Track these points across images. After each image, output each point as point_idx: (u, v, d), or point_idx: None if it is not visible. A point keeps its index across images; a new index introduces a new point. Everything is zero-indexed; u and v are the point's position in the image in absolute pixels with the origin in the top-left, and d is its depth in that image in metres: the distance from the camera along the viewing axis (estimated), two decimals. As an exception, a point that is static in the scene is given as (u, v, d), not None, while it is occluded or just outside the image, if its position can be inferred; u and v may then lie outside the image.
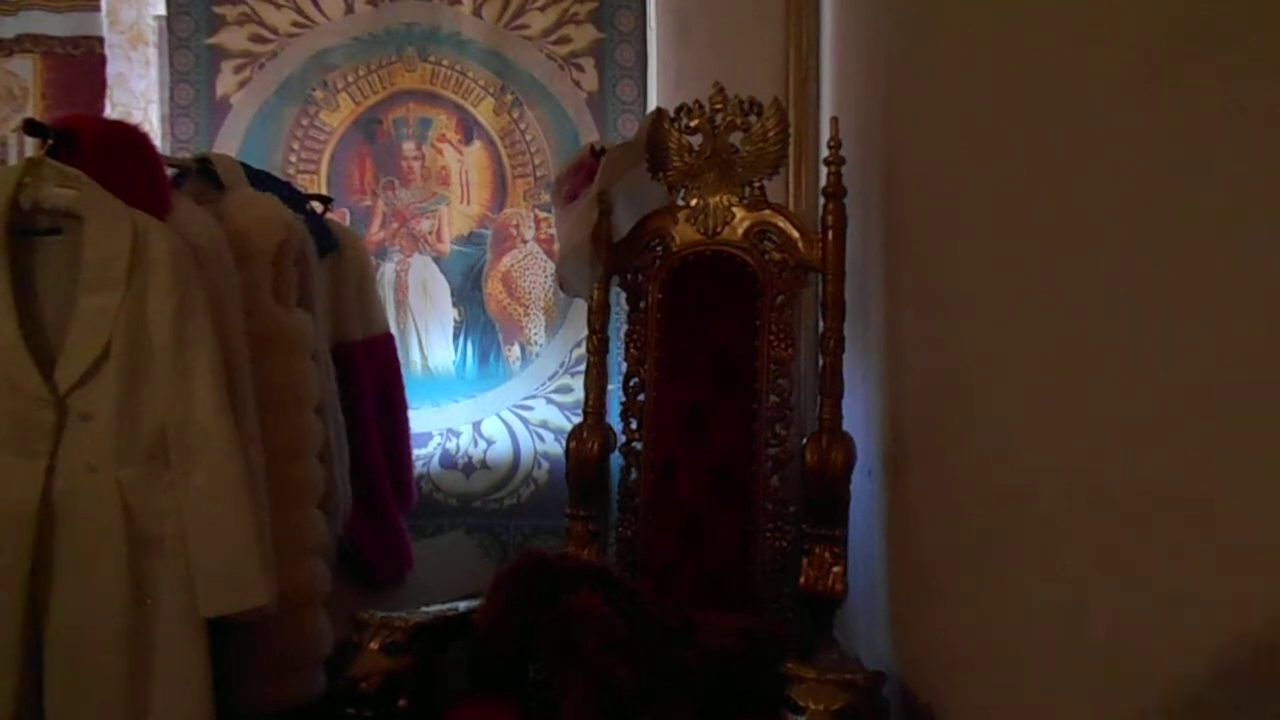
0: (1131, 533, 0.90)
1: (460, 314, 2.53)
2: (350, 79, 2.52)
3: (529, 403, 2.50)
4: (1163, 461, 0.85)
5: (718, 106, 1.83)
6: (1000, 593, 1.24)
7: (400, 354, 2.34)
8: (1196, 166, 0.80)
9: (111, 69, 2.55)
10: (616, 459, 1.91)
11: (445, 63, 2.52)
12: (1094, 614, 0.97)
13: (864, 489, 1.78)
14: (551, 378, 2.48)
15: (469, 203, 2.53)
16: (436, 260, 2.53)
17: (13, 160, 2.45)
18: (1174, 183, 0.83)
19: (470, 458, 2.49)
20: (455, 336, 2.53)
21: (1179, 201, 0.82)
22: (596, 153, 2.06)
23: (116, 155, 1.53)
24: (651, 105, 2.39)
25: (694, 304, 1.87)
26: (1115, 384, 0.93)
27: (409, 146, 2.54)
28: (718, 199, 1.83)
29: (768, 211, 1.82)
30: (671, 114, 1.89)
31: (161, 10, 2.52)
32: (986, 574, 1.30)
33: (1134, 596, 0.90)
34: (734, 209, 1.82)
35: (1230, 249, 0.75)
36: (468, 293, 2.53)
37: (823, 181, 1.77)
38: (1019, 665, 1.18)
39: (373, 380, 2.14)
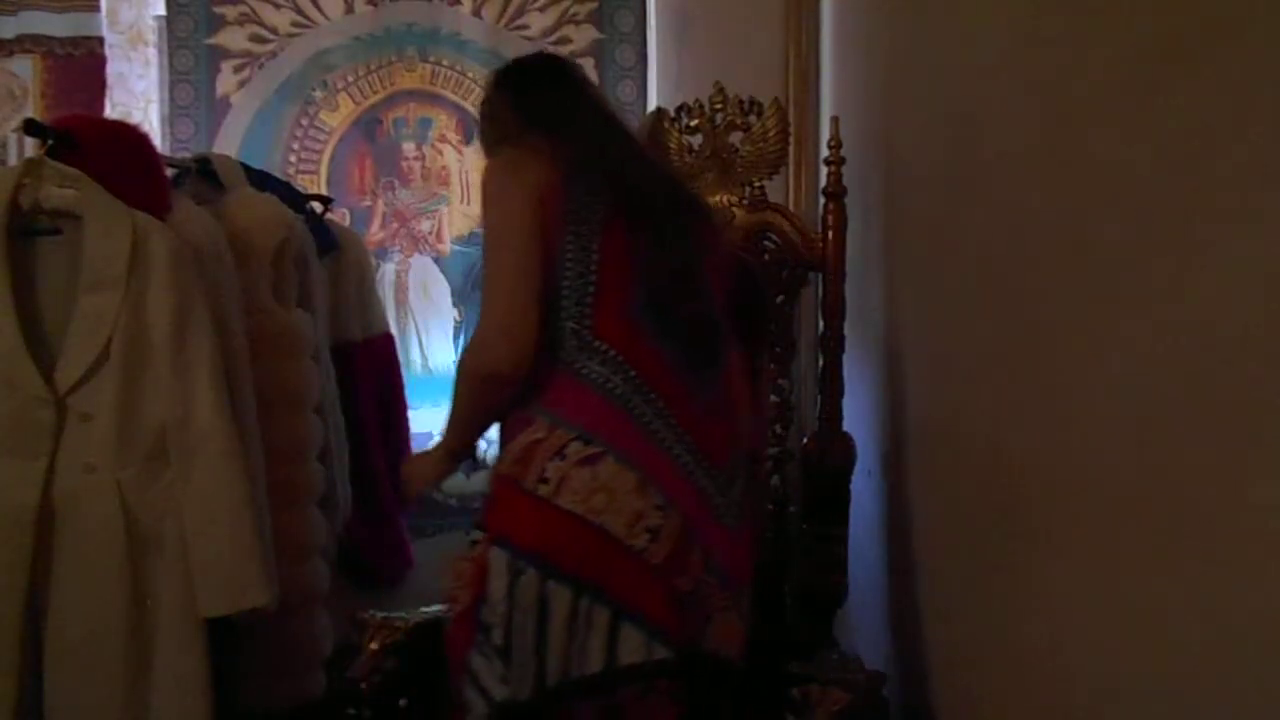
0: (1131, 532, 0.90)
1: (460, 314, 2.53)
2: (350, 79, 2.52)
3: (529, 403, 2.50)
4: (1163, 461, 0.85)
5: (718, 106, 1.83)
6: (999, 592, 1.24)
7: (400, 354, 2.34)
8: (1198, 165, 0.80)
9: (111, 69, 2.55)
10: (617, 459, 1.91)
11: (445, 63, 2.51)
12: (1092, 614, 0.97)
13: (864, 489, 1.78)
14: (551, 378, 2.49)
15: (469, 203, 2.53)
16: (437, 260, 2.53)
17: (13, 160, 2.45)
18: (1175, 181, 0.83)
19: (470, 457, 2.49)
20: (455, 336, 2.53)
21: (1180, 200, 0.82)
22: (597, 153, 2.05)
23: (116, 155, 1.53)
24: (651, 105, 2.39)
25: (694, 304, 1.87)
26: (1115, 384, 0.93)
27: (409, 146, 2.54)
28: (718, 199, 1.83)
29: (768, 211, 1.81)
30: (672, 114, 1.89)
31: (161, 10, 2.52)
32: (985, 574, 1.30)
33: (1133, 596, 0.90)
34: (734, 209, 1.82)
35: (1232, 248, 0.75)
36: (468, 293, 2.52)
37: (823, 181, 1.77)
38: (1018, 665, 1.18)
39: (373, 380, 2.14)
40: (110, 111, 2.51)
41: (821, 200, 1.77)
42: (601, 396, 1.17)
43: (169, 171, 1.69)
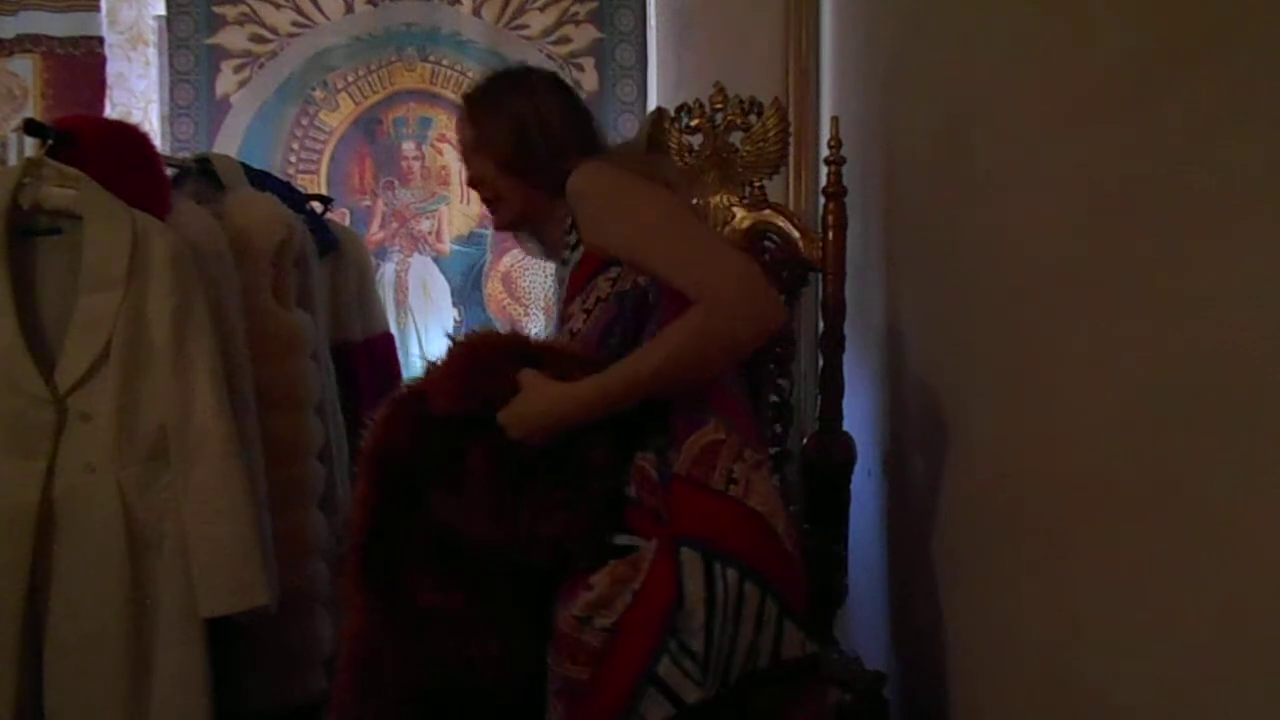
0: (1133, 532, 0.90)
1: (460, 314, 2.53)
2: (350, 79, 2.52)
3: (529, 403, 2.50)
4: (1162, 461, 0.85)
5: (718, 106, 1.83)
6: (1000, 592, 1.24)
7: (400, 354, 2.34)
8: (1198, 165, 0.80)
9: (111, 69, 2.55)
10: (617, 459, 1.91)
11: (445, 63, 2.52)
12: (1091, 614, 0.97)
13: (864, 489, 1.78)
14: (551, 378, 2.48)
15: (469, 203, 2.54)
16: (436, 260, 2.54)
17: (13, 160, 2.44)
18: (1175, 181, 0.83)
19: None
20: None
21: (1181, 200, 0.82)
22: (597, 153, 2.05)
23: (116, 155, 1.53)
24: (651, 105, 2.40)
25: (694, 304, 1.87)
26: (1116, 384, 0.93)
27: (409, 146, 2.54)
28: (718, 199, 1.83)
29: (768, 211, 1.81)
30: (672, 114, 1.89)
31: (161, 10, 2.52)
32: (986, 574, 1.30)
33: (1134, 596, 0.90)
34: (734, 209, 1.82)
35: (1233, 248, 0.75)
36: (468, 293, 2.53)
37: (823, 181, 1.77)
38: (1018, 665, 1.18)
39: (373, 380, 2.14)
40: (110, 111, 2.51)
41: (821, 200, 1.77)
42: (748, 406, 1.21)
43: (169, 171, 1.69)
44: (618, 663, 1.09)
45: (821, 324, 1.74)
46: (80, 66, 2.56)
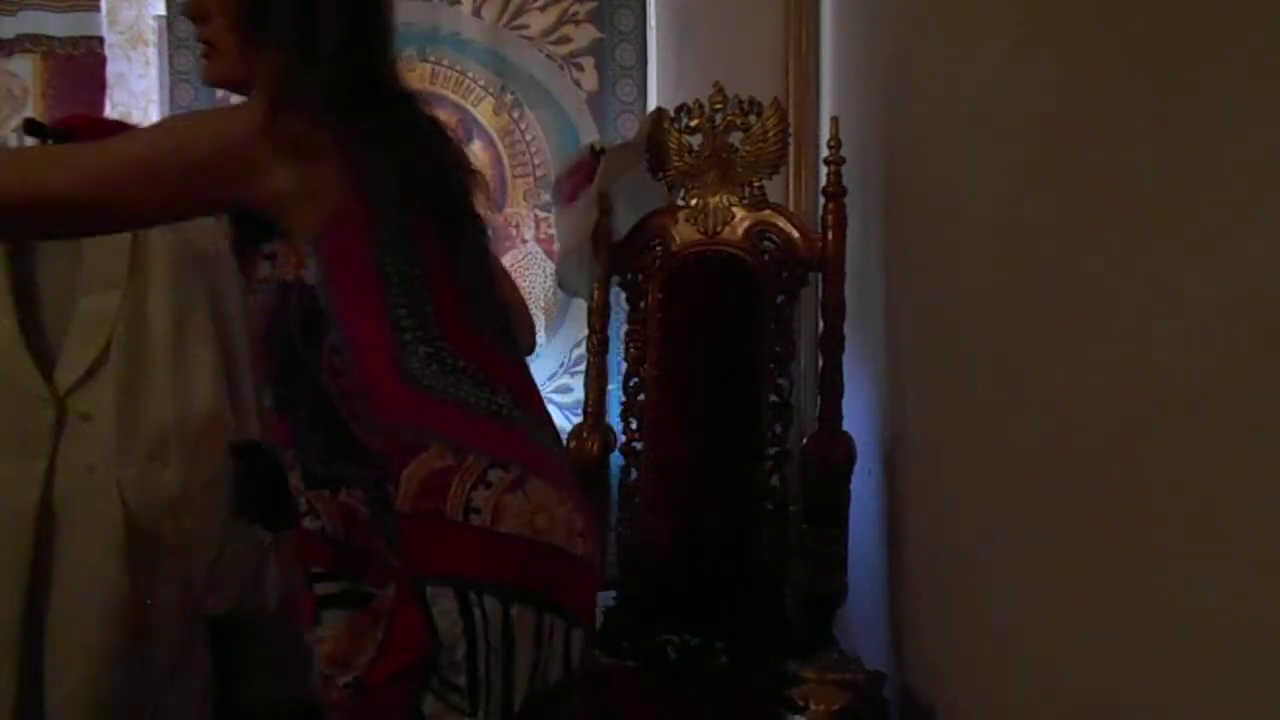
0: (1133, 533, 0.90)
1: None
2: (350, 79, 2.51)
3: (529, 403, 2.50)
4: (1165, 462, 0.85)
5: (718, 106, 1.83)
6: (1000, 593, 1.24)
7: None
8: (1197, 166, 0.80)
9: (111, 69, 2.55)
10: (616, 459, 1.91)
11: (445, 63, 2.51)
12: (1092, 614, 0.97)
13: (864, 489, 1.78)
14: (551, 377, 2.48)
15: (469, 202, 2.53)
16: (436, 260, 2.53)
17: (13, 160, 2.44)
18: (1174, 182, 0.83)
19: None
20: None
21: (1180, 201, 0.82)
22: (596, 153, 2.06)
23: (116, 155, 1.53)
24: (651, 105, 2.39)
25: (694, 304, 1.87)
26: (1116, 384, 0.93)
27: (409, 146, 2.54)
28: (718, 199, 1.83)
29: (768, 211, 1.82)
30: (671, 114, 1.89)
31: (161, 10, 2.52)
32: (986, 574, 1.30)
33: (1132, 597, 0.90)
34: (734, 209, 1.82)
35: (1232, 249, 0.75)
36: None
37: (823, 181, 1.77)
38: (1019, 665, 1.18)
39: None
40: (110, 111, 2.51)
41: (821, 200, 1.78)
42: (488, 418, 1.07)
43: (169, 171, 1.69)
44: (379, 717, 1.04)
45: (821, 324, 1.74)
46: (80, 66, 2.56)
